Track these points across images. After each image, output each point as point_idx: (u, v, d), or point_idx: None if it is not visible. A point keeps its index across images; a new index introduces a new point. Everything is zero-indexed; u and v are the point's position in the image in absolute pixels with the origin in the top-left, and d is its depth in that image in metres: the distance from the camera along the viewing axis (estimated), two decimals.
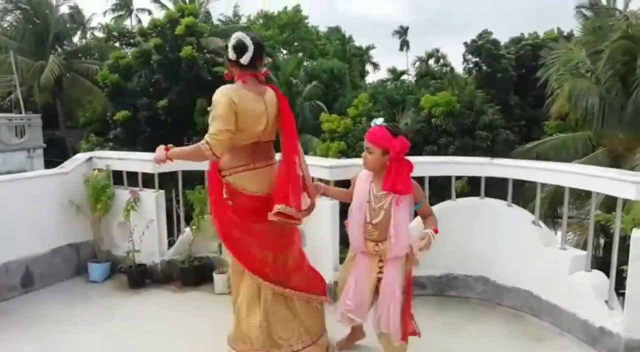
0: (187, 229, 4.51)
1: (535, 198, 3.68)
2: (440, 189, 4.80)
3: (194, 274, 4.28)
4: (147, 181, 4.51)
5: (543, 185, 3.85)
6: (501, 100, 20.42)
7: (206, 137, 2.41)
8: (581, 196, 10.69)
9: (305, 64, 26.25)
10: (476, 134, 15.36)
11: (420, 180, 3.15)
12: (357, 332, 3.05)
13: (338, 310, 2.82)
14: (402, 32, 48.02)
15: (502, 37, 27.89)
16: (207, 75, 17.15)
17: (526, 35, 26.01)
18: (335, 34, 31.51)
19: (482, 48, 24.34)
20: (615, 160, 12.46)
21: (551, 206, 11.80)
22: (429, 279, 3.93)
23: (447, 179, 4.04)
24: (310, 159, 3.29)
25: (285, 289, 2.64)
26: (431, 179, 3.88)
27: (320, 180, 3.48)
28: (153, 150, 2.70)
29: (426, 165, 3.95)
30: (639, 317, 2.90)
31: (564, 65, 14.39)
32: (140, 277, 4.29)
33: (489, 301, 3.85)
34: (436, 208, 3.46)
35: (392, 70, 29.10)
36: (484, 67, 23.57)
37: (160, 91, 17.71)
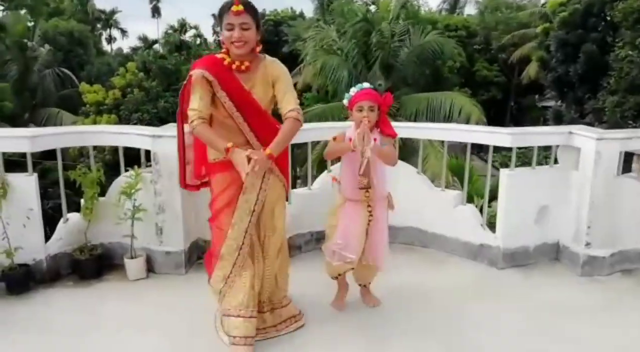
0: (72, 216, 3.87)
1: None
2: None
3: (95, 265, 3.75)
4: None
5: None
6: None
7: (297, 109, 2.58)
8: None
9: (31, 24, 22.38)
10: None
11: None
12: (342, 285, 3.32)
13: (329, 249, 3.07)
14: None
15: None
16: None
17: (267, 12, 27.84)
18: None
19: None
20: None
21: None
22: None
23: None
24: None
25: None
26: None
27: None
28: None
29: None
30: (509, 233, 4.02)
31: (319, 42, 16.25)
32: (23, 280, 3.53)
33: None
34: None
35: (144, 39, 27.20)
36: None
37: None
